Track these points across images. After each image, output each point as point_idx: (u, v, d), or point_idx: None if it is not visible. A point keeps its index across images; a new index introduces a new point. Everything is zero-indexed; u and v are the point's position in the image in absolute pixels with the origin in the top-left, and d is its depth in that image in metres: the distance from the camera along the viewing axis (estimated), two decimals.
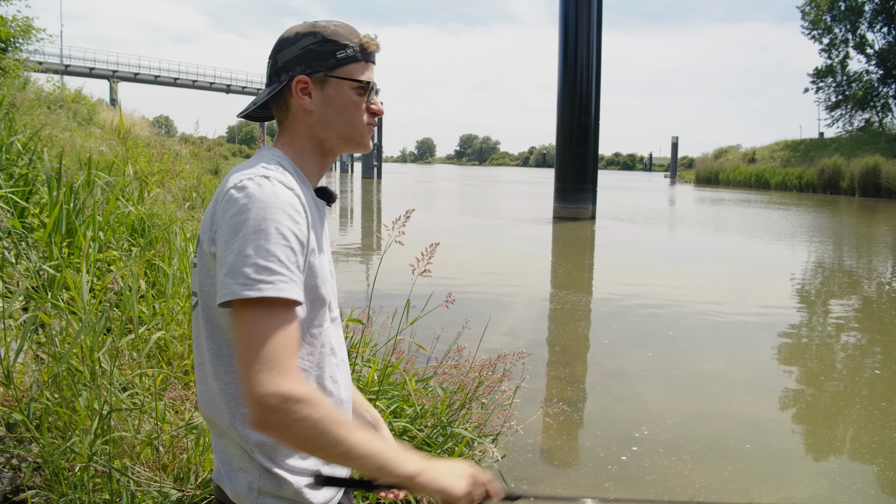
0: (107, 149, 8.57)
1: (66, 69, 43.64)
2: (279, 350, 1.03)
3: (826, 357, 6.39)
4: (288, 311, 1.07)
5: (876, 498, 3.62)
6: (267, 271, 1.05)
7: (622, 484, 3.67)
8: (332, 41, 1.24)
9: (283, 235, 1.08)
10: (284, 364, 1.03)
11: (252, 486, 1.19)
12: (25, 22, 11.39)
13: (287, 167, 1.23)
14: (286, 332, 1.05)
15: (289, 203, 1.11)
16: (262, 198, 1.09)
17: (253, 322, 1.04)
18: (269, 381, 1.01)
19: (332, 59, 1.24)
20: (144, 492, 2.32)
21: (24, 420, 2.47)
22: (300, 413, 1.01)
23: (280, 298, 1.05)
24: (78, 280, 2.94)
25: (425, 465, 1.11)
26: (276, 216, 1.09)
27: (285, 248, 1.08)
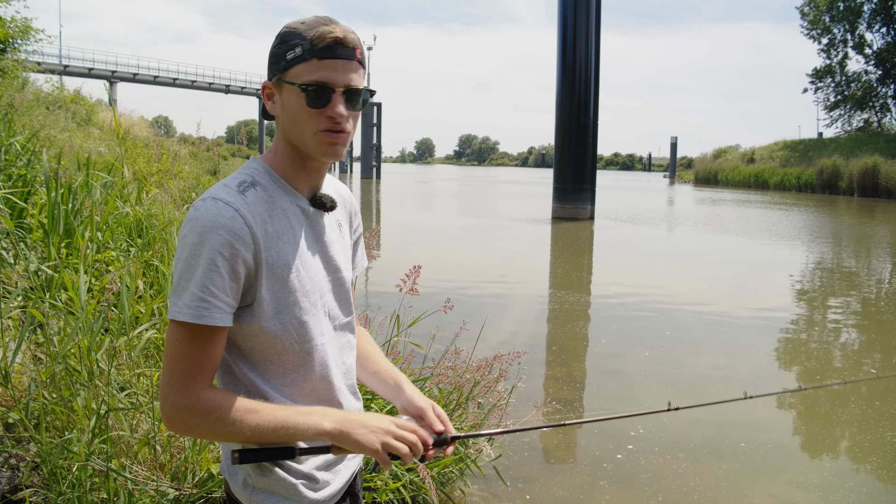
0: (105, 149, 8.58)
1: (65, 69, 43.63)
2: (185, 367, 1.13)
3: (823, 357, 6.40)
4: (203, 334, 1.13)
5: (869, 496, 3.63)
6: (189, 296, 1.11)
7: (617, 482, 3.69)
8: (285, 41, 1.18)
9: (213, 261, 1.11)
10: (186, 380, 1.13)
11: (247, 481, 1.25)
12: (24, 22, 11.41)
13: (261, 180, 1.22)
14: (197, 352, 1.13)
15: (227, 227, 1.12)
16: (202, 222, 1.12)
17: (171, 340, 1.14)
18: (169, 394, 1.13)
19: (283, 60, 1.18)
20: (142, 491, 2.33)
21: (22, 419, 2.48)
22: (193, 421, 1.13)
23: (195, 324, 1.11)
24: (76, 280, 2.96)
25: (342, 422, 1.18)
26: (210, 241, 1.11)
27: (212, 275, 1.11)
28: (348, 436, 1.17)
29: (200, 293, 1.10)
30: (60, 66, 42.72)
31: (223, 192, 1.16)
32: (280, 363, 1.23)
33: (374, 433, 1.18)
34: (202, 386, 1.13)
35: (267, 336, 1.20)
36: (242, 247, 1.13)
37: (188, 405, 1.12)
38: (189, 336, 1.12)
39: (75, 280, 3.00)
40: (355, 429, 1.18)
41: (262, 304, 1.18)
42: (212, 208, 1.13)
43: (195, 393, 1.12)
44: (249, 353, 1.22)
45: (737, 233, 17.66)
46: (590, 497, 3.53)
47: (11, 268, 3.58)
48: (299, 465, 1.26)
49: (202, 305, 1.11)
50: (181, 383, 1.12)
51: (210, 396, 1.13)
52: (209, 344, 1.14)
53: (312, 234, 1.28)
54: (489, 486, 3.48)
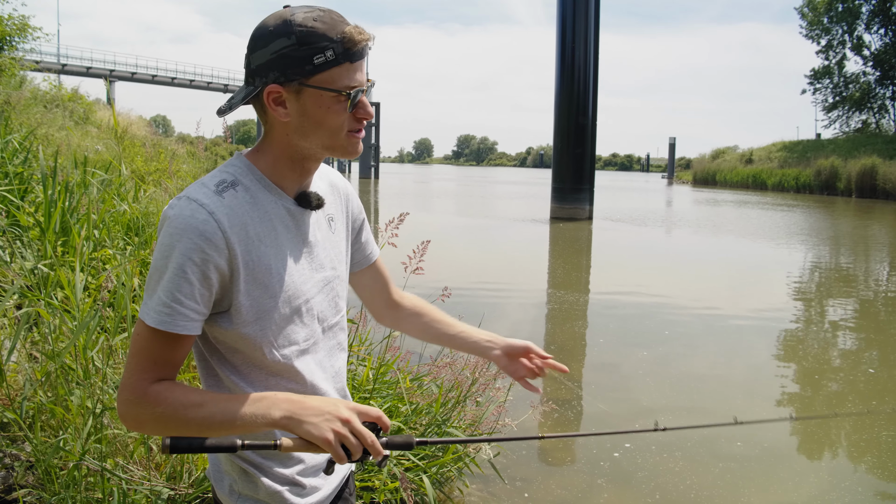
0: (103, 148, 8.56)
1: (63, 68, 43.58)
2: (140, 363, 1.11)
3: (820, 356, 6.39)
4: (165, 338, 1.10)
5: (864, 495, 3.64)
6: (156, 300, 1.09)
7: (614, 480, 3.70)
8: (307, 43, 1.08)
9: (181, 267, 1.07)
10: (139, 374, 1.11)
11: (233, 487, 1.23)
12: (22, 20, 11.38)
13: (243, 180, 1.17)
14: (155, 353, 1.11)
15: (198, 231, 1.07)
16: (173, 223, 1.09)
17: (135, 334, 1.13)
18: (122, 388, 1.12)
19: (309, 65, 1.09)
20: (137, 490, 2.31)
21: (16, 419, 2.46)
22: (141, 416, 1.10)
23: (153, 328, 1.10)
24: (72, 278, 2.94)
25: (292, 410, 1.07)
26: (180, 246, 1.07)
27: (179, 281, 1.08)
28: (300, 424, 1.05)
29: (166, 299, 1.08)
30: (58, 65, 42.69)
31: (199, 193, 1.11)
32: (263, 367, 1.19)
33: (329, 421, 1.05)
34: (151, 380, 1.10)
35: (247, 342, 1.16)
36: (215, 252, 1.08)
37: (135, 399, 1.09)
38: (151, 337, 1.10)
39: (71, 278, 2.98)
40: (307, 416, 1.06)
41: (241, 310, 1.14)
42: (185, 209, 1.08)
43: (143, 386, 1.10)
44: (232, 357, 1.19)
45: (735, 233, 17.66)
46: (587, 495, 3.53)
47: (7, 266, 3.56)
48: (285, 469, 1.22)
49: (165, 312, 1.08)
50: (134, 377, 1.10)
51: (156, 390, 1.10)
52: (169, 348, 1.11)
53: (298, 234, 1.22)
54: (487, 485, 3.47)
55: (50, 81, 14.73)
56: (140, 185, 6.62)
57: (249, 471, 1.20)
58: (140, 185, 6.52)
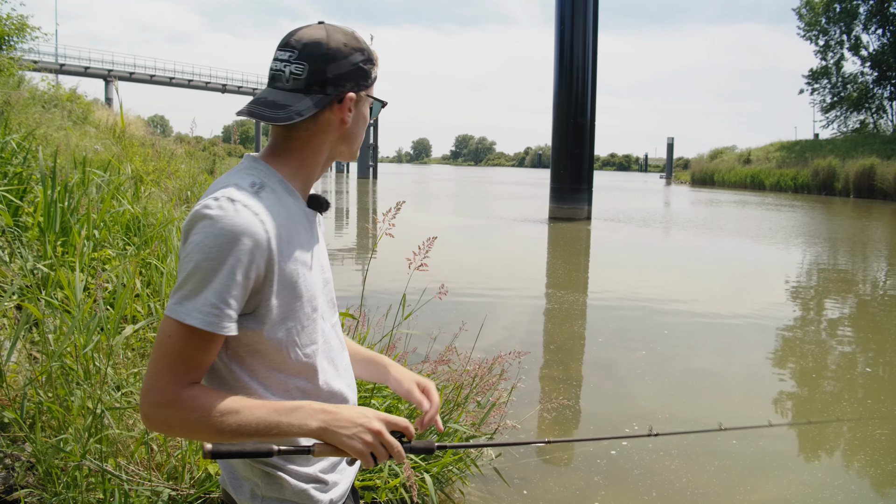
0: (102, 147, 8.55)
1: (62, 68, 43.50)
2: (172, 365, 1.09)
3: (818, 356, 6.41)
4: (204, 340, 1.10)
5: (857, 494, 3.66)
6: (202, 301, 1.08)
7: (612, 478, 3.73)
8: (371, 60, 1.26)
9: (233, 269, 1.08)
10: (171, 377, 1.09)
11: (255, 492, 1.22)
12: (20, 20, 11.36)
13: (269, 182, 1.19)
14: (190, 354, 1.10)
15: (248, 233, 1.09)
16: (221, 225, 1.08)
17: (163, 336, 1.10)
18: (150, 390, 1.09)
19: (371, 78, 1.27)
20: (138, 491, 2.31)
21: (17, 419, 2.46)
22: (172, 420, 1.09)
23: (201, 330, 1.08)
24: (72, 278, 2.94)
25: (329, 420, 1.13)
26: (232, 248, 1.07)
27: (230, 283, 1.08)
28: (335, 434, 1.12)
29: (215, 300, 1.07)
30: (56, 65, 42.60)
31: (239, 194, 1.11)
32: (282, 368, 1.20)
33: (362, 433, 1.13)
34: (185, 384, 1.10)
35: (272, 343, 1.17)
36: (258, 253, 1.10)
37: (167, 403, 1.08)
38: (187, 338, 1.08)
39: (71, 278, 2.98)
40: (343, 427, 1.13)
41: (272, 311, 1.15)
42: (230, 210, 1.08)
43: (177, 391, 1.08)
44: (250, 358, 1.18)
45: (733, 233, 17.68)
46: (585, 494, 3.56)
47: (7, 266, 3.55)
48: (307, 468, 1.24)
49: (214, 313, 1.07)
50: (165, 380, 1.08)
51: (192, 395, 1.09)
52: (206, 349, 1.10)
53: (312, 236, 1.27)
54: (487, 485, 3.47)
55: (48, 81, 14.71)
56: (139, 185, 6.62)
57: (273, 473, 1.21)
58: (139, 185, 6.52)
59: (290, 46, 1.20)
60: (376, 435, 1.13)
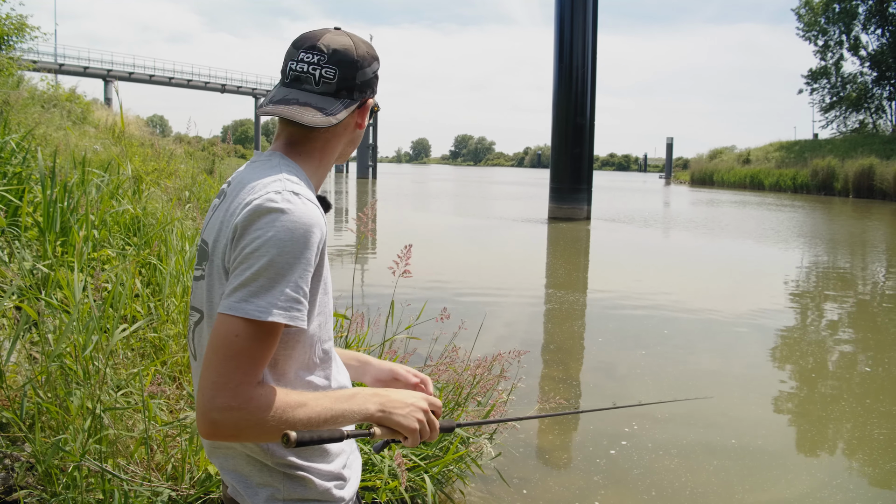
0: (101, 147, 8.54)
1: (61, 68, 43.49)
2: (241, 366, 1.05)
3: (817, 356, 6.41)
4: (276, 334, 1.08)
5: (855, 493, 3.67)
6: (281, 296, 1.05)
7: (611, 477, 3.74)
8: (379, 66, 1.31)
9: (309, 261, 1.08)
10: (240, 378, 1.05)
11: (275, 497, 1.20)
12: (19, 20, 11.35)
13: (304, 180, 1.21)
14: (259, 352, 1.07)
15: (319, 227, 1.11)
16: (295, 218, 1.07)
17: (229, 336, 1.05)
18: (218, 394, 1.04)
19: (376, 83, 1.32)
20: (137, 492, 2.31)
21: (16, 419, 2.46)
22: (244, 423, 1.05)
23: (274, 323, 1.06)
24: (71, 279, 2.93)
25: (384, 403, 1.19)
26: (309, 240, 1.08)
27: (307, 275, 1.09)
28: (390, 416, 1.18)
29: (295, 294, 1.06)
30: (56, 65, 42.60)
31: (300, 188, 1.13)
32: (300, 364, 1.20)
33: (414, 412, 1.20)
34: (255, 384, 1.06)
35: (306, 339, 1.18)
36: (319, 248, 1.13)
37: (240, 405, 1.04)
38: (258, 335, 1.05)
39: (70, 278, 2.98)
40: (397, 408, 1.19)
41: (315, 305, 1.17)
42: (299, 204, 1.09)
43: (248, 392, 1.04)
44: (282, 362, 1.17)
45: (733, 234, 17.69)
46: (585, 493, 3.57)
47: (6, 266, 3.55)
48: (330, 465, 1.25)
49: (296, 307, 1.07)
50: (234, 382, 1.04)
51: (262, 394, 1.06)
52: (274, 344, 1.09)
53: None
54: (487, 485, 3.47)
55: (47, 81, 14.70)
56: (139, 184, 6.61)
57: (295, 474, 1.20)
58: (139, 185, 6.51)
59: (319, 50, 1.21)
60: (425, 413, 1.22)
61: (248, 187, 1.14)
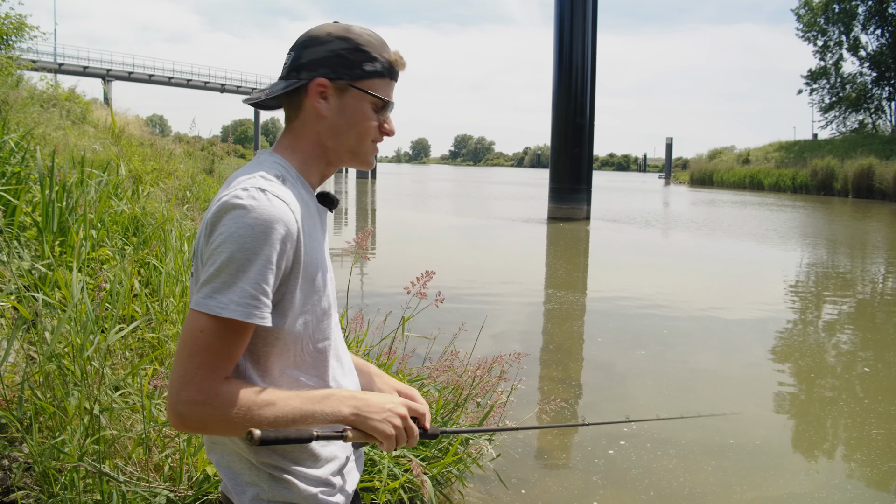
0: (100, 147, 8.53)
1: (60, 68, 43.46)
2: (207, 361, 1.07)
3: (816, 356, 6.40)
4: (239, 332, 1.09)
5: (853, 493, 3.67)
6: (239, 292, 1.06)
7: (610, 478, 3.74)
8: (363, 51, 1.21)
9: (269, 258, 1.07)
10: (205, 373, 1.06)
11: (260, 497, 1.20)
12: (18, 19, 11.34)
13: (289, 175, 1.20)
14: (224, 348, 1.08)
15: (283, 222, 1.09)
16: (255, 214, 1.07)
17: (194, 331, 1.07)
18: (183, 388, 1.06)
19: (359, 69, 1.21)
20: (135, 492, 2.30)
21: (13, 420, 2.45)
22: (209, 417, 1.07)
23: (236, 321, 1.07)
24: (69, 278, 2.92)
25: (360, 407, 1.16)
26: (268, 236, 1.07)
27: (267, 272, 1.08)
28: (365, 420, 1.15)
29: (253, 290, 1.06)
30: (55, 65, 42.56)
31: (269, 184, 1.12)
32: (290, 363, 1.19)
33: (391, 418, 1.17)
34: (220, 380, 1.07)
35: (289, 336, 1.16)
36: (290, 243, 1.10)
37: (205, 400, 1.06)
38: (221, 331, 1.06)
39: (69, 278, 2.97)
40: (373, 412, 1.16)
41: (295, 303, 1.15)
42: (263, 200, 1.08)
43: (213, 387, 1.06)
44: (258, 351, 1.17)
45: (732, 234, 17.69)
46: (584, 492, 3.57)
47: (5, 266, 3.54)
48: (317, 470, 1.22)
49: (254, 304, 1.07)
50: (199, 377, 1.06)
51: (228, 391, 1.07)
52: (239, 341, 1.09)
53: (322, 230, 1.28)
54: (486, 485, 3.47)
55: (47, 81, 14.68)
56: (138, 184, 6.60)
57: (281, 476, 1.19)
58: (138, 185, 6.50)
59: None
60: (403, 419, 1.18)
61: (226, 185, 1.16)
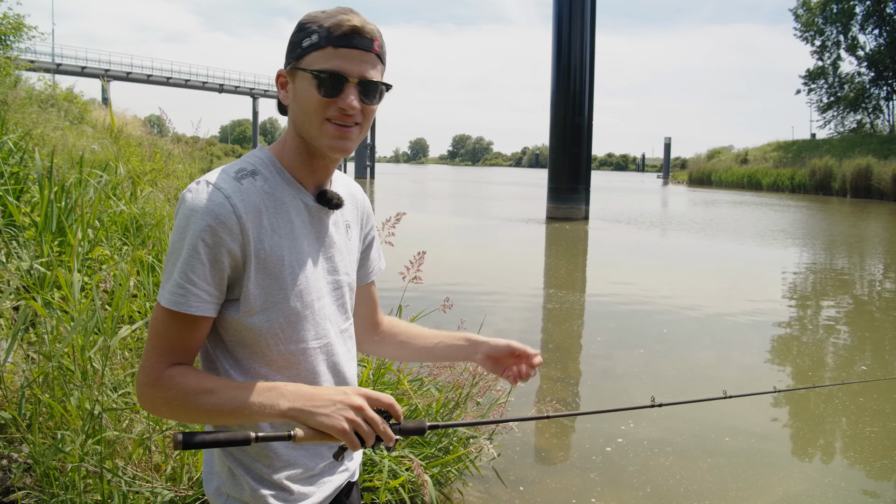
0: (99, 147, 8.52)
1: (58, 68, 43.38)
2: (158, 346, 1.12)
3: (815, 354, 6.42)
4: (182, 321, 1.11)
5: (847, 491, 3.69)
6: (172, 282, 1.10)
7: (607, 475, 3.77)
8: (304, 28, 1.14)
9: (194, 248, 1.08)
10: (156, 358, 1.11)
11: (221, 489, 1.22)
12: (16, 19, 11.32)
13: (264, 170, 1.17)
14: (172, 336, 1.12)
15: (213, 213, 1.08)
16: (189, 205, 1.10)
17: (153, 319, 1.13)
18: (140, 371, 1.13)
19: (299, 48, 1.14)
20: (136, 492, 2.30)
21: (14, 420, 2.45)
22: (155, 399, 1.10)
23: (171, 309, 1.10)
24: (69, 278, 2.92)
25: (301, 399, 1.06)
26: (194, 226, 1.08)
27: (193, 261, 1.08)
28: (309, 415, 1.03)
29: (180, 280, 1.09)
30: (53, 65, 42.48)
31: (217, 178, 1.13)
32: (265, 362, 1.18)
33: (341, 410, 1.03)
34: (167, 365, 1.11)
35: (252, 332, 1.15)
36: (228, 235, 1.09)
37: (150, 382, 1.10)
38: (168, 320, 1.11)
39: (68, 278, 2.97)
40: (319, 406, 1.04)
41: (249, 298, 1.13)
42: (202, 192, 1.10)
43: (158, 370, 1.10)
44: (235, 349, 1.18)
45: (730, 233, 17.69)
46: (582, 490, 3.59)
47: (4, 266, 3.53)
48: (273, 473, 1.19)
49: (179, 293, 1.09)
50: (150, 361, 1.11)
51: (170, 374, 1.10)
52: (185, 330, 1.12)
53: (315, 231, 1.22)
54: (484, 484, 3.47)
55: (45, 81, 14.66)
56: (137, 184, 6.59)
57: (236, 472, 1.19)
58: (136, 185, 6.50)
59: None
60: (358, 411, 1.04)
61: None
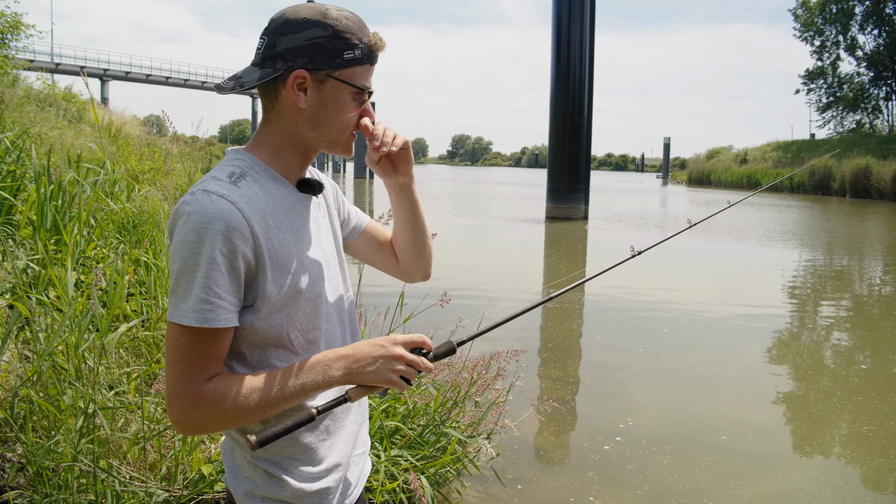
0: (96, 146, 8.49)
1: (57, 67, 43.39)
2: (187, 368, 1.08)
3: (814, 353, 6.40)
4: (208, 336, 1.08)
5: (844, 489, 3.68)
6: (193, 299, 1.06)
7: (604, 473, 3.77)
8: (342, 38, 1.14)
9: (213, 259, 1.06)
10: (189, 379, 1.08)
11: (254, 493, 1.21)
12: (14, 18, 11.30)
13: (249, 171, 1.17)
14: (200, 353, 1.08)
15: (225, 222, 1.06)
16: (196, 217, 1.06)
17: (171, 341, 1.09)
18: (174, 398, 1.08)
19: (339, 58, 1.15)
20: (130, 492, 2.27)
21: (7, 419, 2.43)
22: (203, 418, 1.08)
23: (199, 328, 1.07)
24: (63, 276, 2.90)
25: (349, 365, 1.14)
26: (209, 238, 1.06)
27: (214, 274, 1.06)
28: (359, 375, 1.13)
29: (203, 295, 1.06)
30: (52, 64, 42.52)
31: (215, 185, 1.10)
32: (284, 357, 1.18)
33: (386, 363, 1.13)
34: (204, 381, 1.09)
35: (270, 333, 1.15)
36: (241, 242, 1.08)
37: (192, 405, 1.07)
38: (192, 338, 1.07)
39: (63, 276, 2.94)
40: (366, 365, 1.13)
41: (269, 299, 1.13)
42: (206, 202, 1.07)
43: (197, 391, 1.08)
44: (244, 353, 1.16)
45: (730, 233, 17.68)
46: (580, 489, 3.58)
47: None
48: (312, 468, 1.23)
49: (206, 308, 1.06)
50: (183, 384, 1.08)
51: (213, 389, 1.08)
52: (214, 345, 1.09)
53: (306, 220, 1.25)
54: (482, 483, 3.45)
55: (43, 80, 14.64)
56: (134, 184, 6.57)
57: (275, 472, 1.20)
58: (133, 185, 6.47)
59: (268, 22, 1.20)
60: (399, 360, 1.14)
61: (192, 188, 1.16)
